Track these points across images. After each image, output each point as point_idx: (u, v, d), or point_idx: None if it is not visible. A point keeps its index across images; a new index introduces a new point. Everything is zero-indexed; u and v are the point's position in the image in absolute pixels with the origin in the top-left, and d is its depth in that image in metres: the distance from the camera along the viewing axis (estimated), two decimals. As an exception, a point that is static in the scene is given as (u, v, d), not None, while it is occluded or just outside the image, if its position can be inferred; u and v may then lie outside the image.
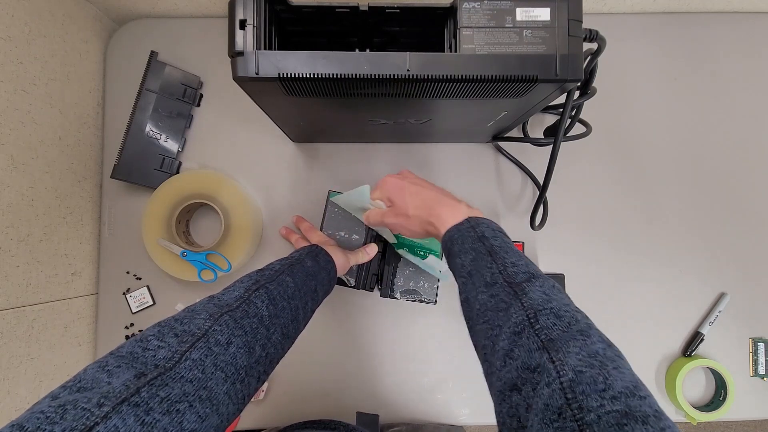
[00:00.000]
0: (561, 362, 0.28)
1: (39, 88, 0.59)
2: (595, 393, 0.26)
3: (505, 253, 0.40)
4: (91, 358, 0.68)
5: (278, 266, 0.46)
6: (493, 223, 0.46)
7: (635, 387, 0.26)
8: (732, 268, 0.69)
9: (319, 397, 0.67)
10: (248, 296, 0.38)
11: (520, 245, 0.61)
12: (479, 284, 0.40)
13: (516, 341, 0.32)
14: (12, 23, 0.54)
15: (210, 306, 0.36)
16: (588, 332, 0.31)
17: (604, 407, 0.25)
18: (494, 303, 0.37)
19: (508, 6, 0.40)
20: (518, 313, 0.34)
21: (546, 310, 0.33)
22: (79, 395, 0.24)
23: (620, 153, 0.70)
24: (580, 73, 0.41)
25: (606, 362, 0.28)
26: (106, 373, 0.27)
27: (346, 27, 0.45)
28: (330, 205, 0.62)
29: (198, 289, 0.68)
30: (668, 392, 0.67)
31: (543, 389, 0.28)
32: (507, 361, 0.32)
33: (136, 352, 0.30)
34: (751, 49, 0.71)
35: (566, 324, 0.32)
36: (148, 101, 0.66)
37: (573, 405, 0.25)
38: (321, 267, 0.50)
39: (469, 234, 0.44)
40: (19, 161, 0.56)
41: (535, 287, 0.36)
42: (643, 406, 0.25)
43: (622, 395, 0.25)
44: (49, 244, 0.61)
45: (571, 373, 0.27)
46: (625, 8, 0.71)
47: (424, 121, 0.57)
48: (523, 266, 0.39)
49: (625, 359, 0.30)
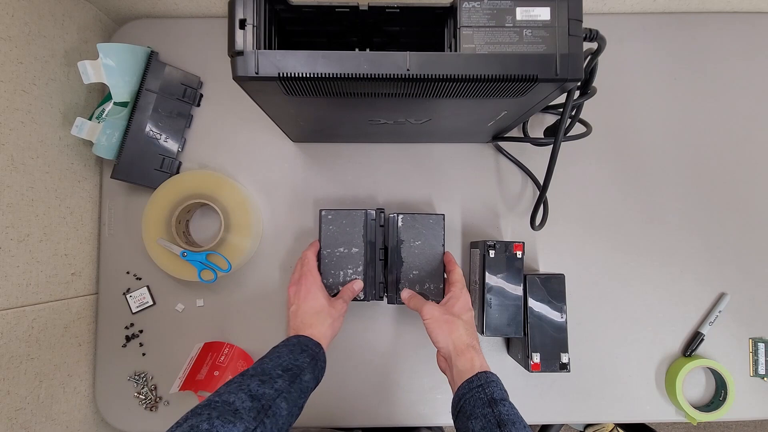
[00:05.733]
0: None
1: (39, 88, 0.59)
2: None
3: (513, 426, 0.41)
4: (91, 358, 0.68)
5: (280, 382, 0.44)
6: (501, 383, 0.47)
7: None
8: (732, 268, 0.69)
9: (320, 397, 0.67)
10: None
11: (520, 245, 0.61)
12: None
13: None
14: (12, 23, 0.54)
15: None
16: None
17: None
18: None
19: (508, 5, 0.40)
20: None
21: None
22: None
23: (620, 153, 0.70)
24: (580, 73, 0.41)
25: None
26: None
27: (346, 27, 0.45)
28: (324, 223, 0.62)
29: (198, 289, 0.68)
30: (668, 392, 0.67)
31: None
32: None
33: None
34: (751, 49, 0.71)
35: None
36: (148, 101, 0.66)
37: None
38: (315, 377, 0.50)
39: (479, 395, 0.45)
40: (19, 161, 0.56)
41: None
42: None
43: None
44: (49, 244, 0.61)
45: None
46: (625, 8, 0.71)
47: (424, 121, 0.57)
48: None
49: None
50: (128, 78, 0.64)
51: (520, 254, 0.61)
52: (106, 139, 0.63)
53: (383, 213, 0.64)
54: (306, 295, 0.56)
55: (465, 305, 0.55)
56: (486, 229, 0.70)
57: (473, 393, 0.45)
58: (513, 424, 0.42)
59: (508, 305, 0.61)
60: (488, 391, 0.45)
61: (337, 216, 0.62)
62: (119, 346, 0.68)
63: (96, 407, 0.68)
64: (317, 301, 0.55)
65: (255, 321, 0.68)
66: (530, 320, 0.61)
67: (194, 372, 0.63)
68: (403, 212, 0.63)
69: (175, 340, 0.68)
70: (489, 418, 0.43)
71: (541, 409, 0.67)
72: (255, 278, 0.69)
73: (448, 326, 0.52)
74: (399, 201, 0.70)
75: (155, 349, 0.68)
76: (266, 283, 0.69)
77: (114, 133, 0.64)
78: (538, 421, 0.70)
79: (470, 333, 0.52)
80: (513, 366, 0.67)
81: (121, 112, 0.64)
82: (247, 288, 0.69)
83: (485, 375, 0.47)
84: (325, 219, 0.62)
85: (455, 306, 0.54)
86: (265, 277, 0.69)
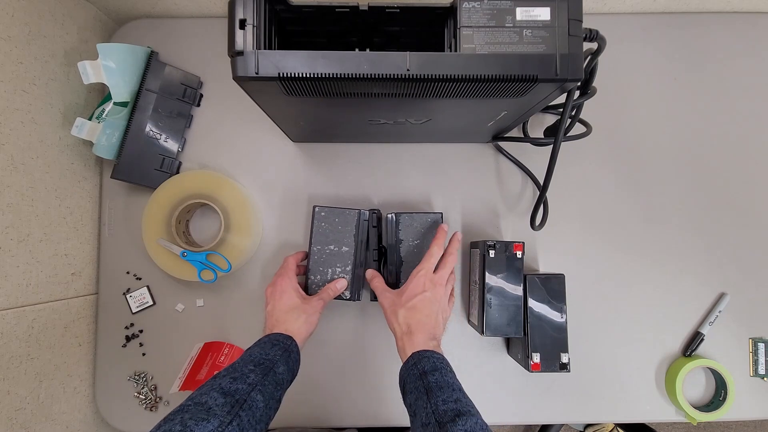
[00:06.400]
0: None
1: (39, 88, 0.59)
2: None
3: (439, 390, 0.44)
4: (91, 358, 0.68)
5: (252, 377, 0.44)
6: (437, 356, 0.49)
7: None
8: (732, 268, 0.69)
9: (319, 396, 0.67)
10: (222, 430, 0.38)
11: (520, 245, 0.61)
12: (417, 425, 0.44)
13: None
14: (12, 23, 0.54)
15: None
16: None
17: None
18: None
19: (508, 5, 0.40)
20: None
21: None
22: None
23: (620, 153, 0.70)
24: (580, 73, 0.41)
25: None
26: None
27: (346, 27, 0.45)
28: (317, 219, 0.62)
29: (198, 289, 0.68)
30: (668, 392, 0.67)
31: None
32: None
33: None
34: (751, 49, 0.71)
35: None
36: (148, 101, 0.66)
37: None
38: (290, 368, 0.50)
39: (413, 371, 0.48)
40: (19, 161, 0.56)
41: (458, 428, 0.39)
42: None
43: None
44: (49, 244, 0.61)
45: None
46: (625, 8, 0.71)
47: (424, 121, 0.57)
48: (452, 404, 0.42)
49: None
50: (128, 78, 0.64)
51: (520, 254, 0.61)
52: (106, 139, 0.63)
53: (376, 214, 0.64)
54: (281, 294, 0.57)
55: (413, 290, 0.55)
56: (486, 229, 0.70)
57: (408, 372, 0.49)
58: (440, 389, 0.44)
59: (508, 305, 0.61)
60: (420, 367, 0.48)
61: (330, 214, 0.62)
62: (119, 346, 0.68)
63: (96, 407, 0.68)
64: (291, 300, 0.57)
65: (255, 321, 0.68)
66: (530, 320, 0.61)
67: (194, 372, 0.63)
68: (401, 212, 0.63)
69: (175, 340, 0.68)
70: (420, 389, 0.45)
71: (541, 409, 0.67)
72: (255, 278, 0.69)
73: (392, 317, 0.55)
74: (399, 201, 0.70)
75: (155, 349, 0.68)
76: (266, 283, 0.68)
77: (114, 133, 0.64)
78: (538, 421, 0.70)
79: (407, 319, 0.54)
80: (513, 366, 0.67)
81: (121, 112, 0.64)
82: (247, 288, 0.69)
83: (417, 354, 0.50)
84: (318, 215, 0.62)
85: (404, 292, 0.56)
86: (265, 277, 0.69)
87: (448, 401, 0.43)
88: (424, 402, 0.43)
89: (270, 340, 0.51)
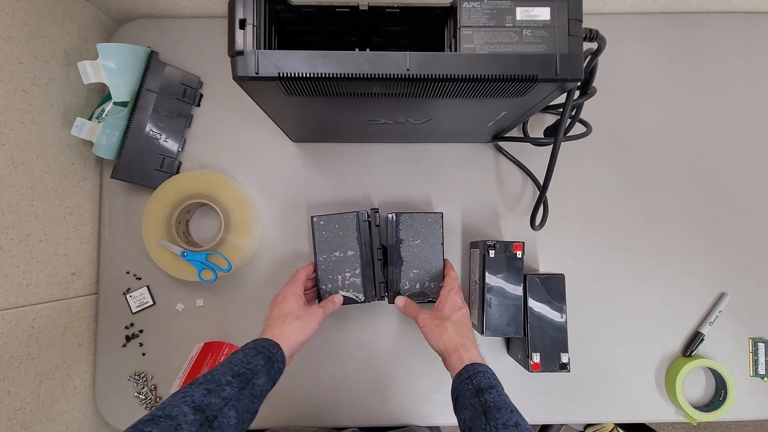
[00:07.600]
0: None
1: (39, 88, 0.59)
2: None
3: (498, 411, 0.44)
4: (91, 358, 0.68)
5: (228, 390, 0.44)
6: (490, 372, 0.49)
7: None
8: (732, 268, 0.69)
9: (319, 396, 0.67)
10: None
11: (520, 245, 0.61)
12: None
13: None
14: (12, 23, 0.54)
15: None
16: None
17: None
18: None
19: (508, 5, 0.40)
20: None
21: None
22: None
23: (620, 153, 0.70)
24: (580, 73, 0.41)
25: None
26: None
27: (346, 27, 0.45)
28: (317, 229, 0.62)
29: (198, 289, 0.68)
30: (668, 392, 0.67)
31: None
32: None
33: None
34: (751, 49, 0.71)
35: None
36: (148, 101, 0.66)
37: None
38: (271, 378, 0.49)
39: (467, 386, 0.48)
40: (19, 161, 0.56)
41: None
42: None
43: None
44: (49, 244, 0.61)
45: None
46: (625, 8, 0.71)
47: (424, 121, 0.57)
48: (513, 428, 0.42)
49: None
50: (128, 78, 0.64)
51: (520, 254, 0.61)
52: (106, 139, 0.63)
53: (378, 213, 0.64)
54: (281, 300, 0.57)
55: (453, 306, 0.57)
56: (486, 229, 0.70)
57: (462, 385, 0.48)
58: (498, 410, 0.44)
59: (508, 305, 0.61)
60: (475, 382, 0.47)
61: (330, 221, 0.62)
62: (119, 346, 0.68)
63: (96, 407, 0.68)
64: (288, 306, 0.56)
65: (255, 321, 0.68)
66: (530, 320, 0.61)
67: (194, 372, 0.63)
68: (401, 212, 0.63)
69: (175, 340, 0.68)
70: (476, 407, 0.45)
71: (541, 409, 0.67)
72: (255, 278, 0.69)
73: (438, 330, 0.55)
74: (399, 201, 0.70)
75: (155, 349, 0.68)
76: (266, 283, 0.69)
77: (114, 133, 0.64)
78: (538, 421, 0.70)
79: (459, 332, 0.54)
80: (513, 366, 0.67)
81: (121, 112, 0.64)
82: (247, 288, 0.69)
83: (473, 367, 0.49)
84: (318, 225, 0.62)
85: (444, 309, 0.57)
86: (265, 277, 0.69)
87: (509, 425, 0.43)
88: (483, 423, 0.43)
89: (255, 347, 0.50)
